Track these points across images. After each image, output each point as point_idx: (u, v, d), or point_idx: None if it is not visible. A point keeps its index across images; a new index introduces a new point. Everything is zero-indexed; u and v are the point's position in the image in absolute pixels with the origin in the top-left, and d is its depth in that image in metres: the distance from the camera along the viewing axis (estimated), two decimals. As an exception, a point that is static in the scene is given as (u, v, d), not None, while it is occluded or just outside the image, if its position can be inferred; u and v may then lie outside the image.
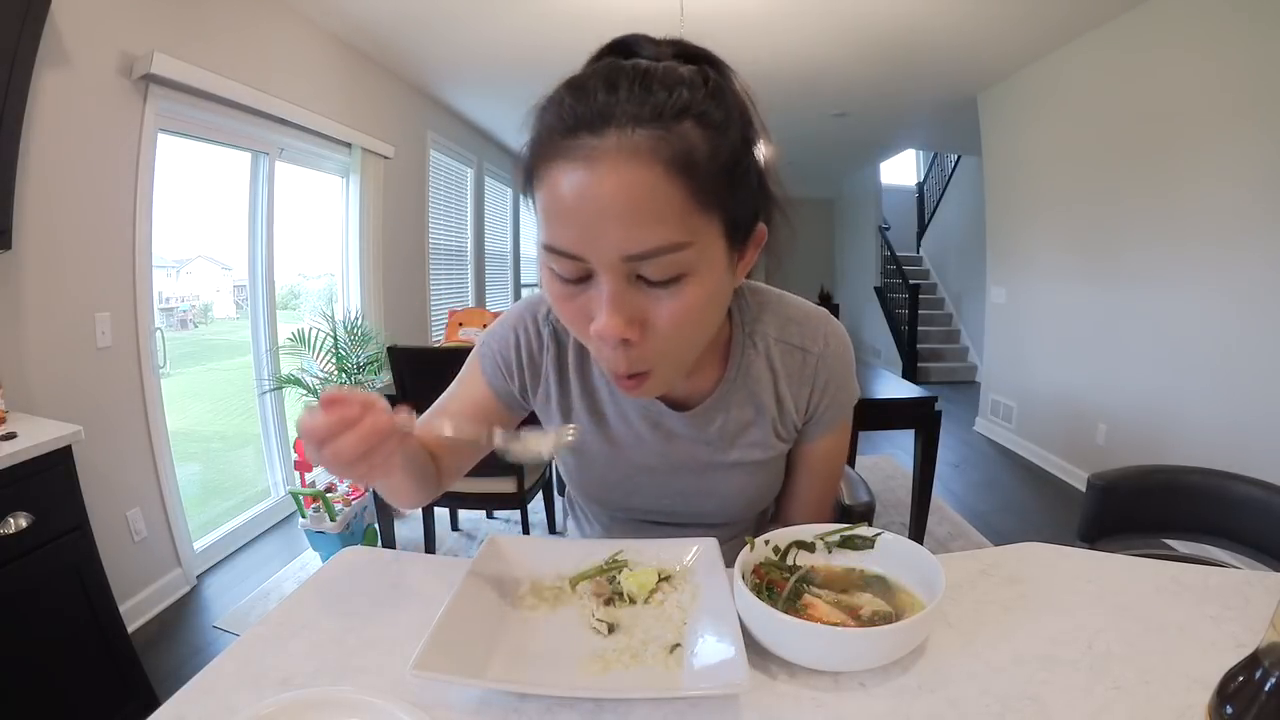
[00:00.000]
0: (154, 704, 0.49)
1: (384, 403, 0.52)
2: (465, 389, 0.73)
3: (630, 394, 0.57)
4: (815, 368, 0.68)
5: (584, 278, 0.50)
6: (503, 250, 6.32)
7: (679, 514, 0.74)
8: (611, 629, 0.56)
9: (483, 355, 0.72)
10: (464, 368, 0.74)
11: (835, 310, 2.38)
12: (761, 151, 0.54)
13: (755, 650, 0.51)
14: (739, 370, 0.68)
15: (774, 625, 0.50)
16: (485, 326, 2.54)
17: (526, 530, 2.38)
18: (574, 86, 0.48)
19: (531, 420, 0.76)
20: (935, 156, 7.44)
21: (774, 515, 0.82)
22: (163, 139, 2.14)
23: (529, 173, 0.50)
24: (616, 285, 0.48)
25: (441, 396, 0.75)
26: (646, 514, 0.75)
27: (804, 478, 0.75)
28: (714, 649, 0.51)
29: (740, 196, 0.51)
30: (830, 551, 0.64)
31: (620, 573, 0.63)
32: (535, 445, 0.59)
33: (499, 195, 6.12)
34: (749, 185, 0.52)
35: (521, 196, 0.55)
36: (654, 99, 0.46)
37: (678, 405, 0.69)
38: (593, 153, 0.45)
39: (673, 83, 0.47)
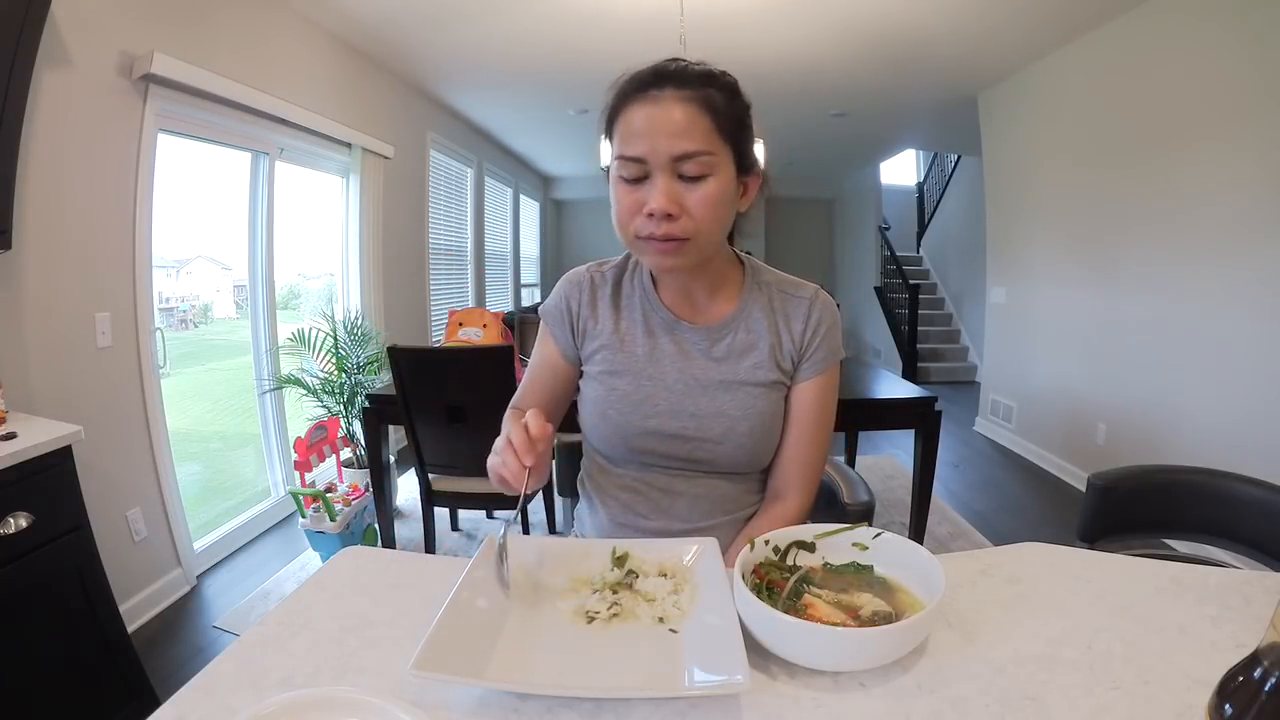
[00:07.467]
0: (154, 704, 0.49)
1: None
2: (540, 353, 0.93)
3: (668, 256, 0.75)
4: (808, 308, 0.87)
5: (642, 179, 0.73)
6: (503, 250, 6.33)
7: (690, 439, 0.84)
8: (592, 618, 0.57)
9: (545, 313, 0.93)
10: (537, 339, 0.95)
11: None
12: (758, 140, 0.82)
13: (755, 650, 0.51)
14: (747, 303, 0.87)
15: (774, 625, 0.51)
16: (485, 326, 2.55)
17: (526, 530, 2.38)
18: (645, 67, 0.76)
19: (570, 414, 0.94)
20: (935, 156, 7.43)
21: (769, 475, 0.90)
22: (163, 139, 2.14)
23: (612, 114, 0.76)
24: (666, 177, 0.72)
25: (527, 368, 0.95)
26: (662, 441, 0.85)
27: (795, 428, 0.87)
28: (714, 649, 0.51)
29: (744, 142, 0.77)
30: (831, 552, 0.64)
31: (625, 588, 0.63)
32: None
33: (499, 195, 6.12)
34: (749, 141, 0.79)
35: (603, 136, 0.79)
36: (693, 74, 0.74)
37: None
38: (656, 98, 0.73)
39: (704, 69, 0.76)
